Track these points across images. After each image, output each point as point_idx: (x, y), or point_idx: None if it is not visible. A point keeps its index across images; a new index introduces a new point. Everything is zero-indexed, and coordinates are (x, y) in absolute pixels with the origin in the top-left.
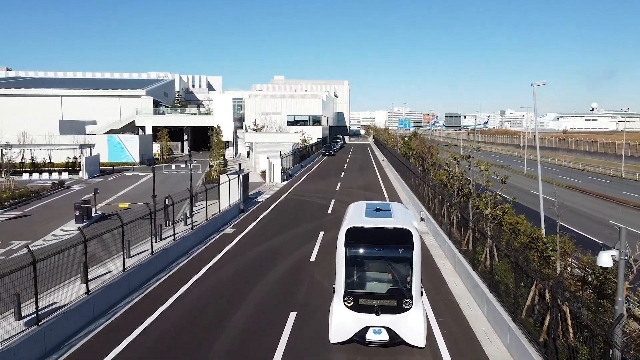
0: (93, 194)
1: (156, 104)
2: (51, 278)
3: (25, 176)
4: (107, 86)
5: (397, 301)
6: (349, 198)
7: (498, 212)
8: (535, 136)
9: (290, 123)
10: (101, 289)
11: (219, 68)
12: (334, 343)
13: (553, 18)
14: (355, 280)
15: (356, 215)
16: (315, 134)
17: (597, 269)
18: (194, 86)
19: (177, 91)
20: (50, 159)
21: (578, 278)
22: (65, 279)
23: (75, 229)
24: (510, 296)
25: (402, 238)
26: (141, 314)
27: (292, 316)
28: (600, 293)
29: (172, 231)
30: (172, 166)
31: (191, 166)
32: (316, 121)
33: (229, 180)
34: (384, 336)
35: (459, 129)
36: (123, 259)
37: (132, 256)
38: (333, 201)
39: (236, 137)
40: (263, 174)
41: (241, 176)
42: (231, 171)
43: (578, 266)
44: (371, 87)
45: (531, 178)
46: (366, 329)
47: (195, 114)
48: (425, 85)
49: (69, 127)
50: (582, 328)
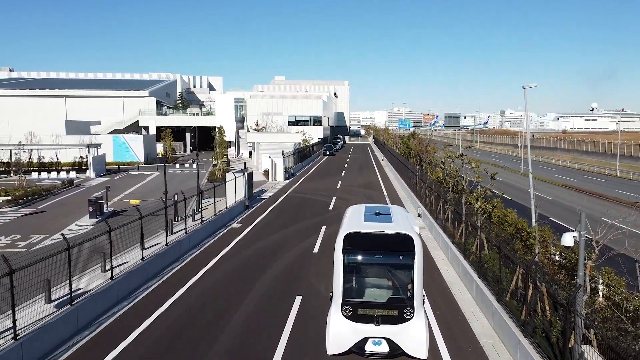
0: (105, 191)
1: (158, 105)
2: (74, 267)
3: (34, 175)
4: (110, 87)
5: (398, 311)
6: (350, 196)
7: (488, 206)
8: (526, 135)
9: (291, 123)
10: (124, 275)
11: (220, 68)
12: (331, 355)
13: (553, 18)
14: (353, 288)
15: (354, 219)
16: (316, 134)
17: (570, 254)
18: (195, 86)
19: (180, 92)
20: (57, 159)
21: (556, 263)
22: (85, 269)
23: (89, 224)
24: (496, 281)
25: (403, 244)
26: (161, 297)
27: (299, 299)
28: (572, 274)
29: (183, 225)
30: (177, 165)
31: (198, 165)
32: (317, 121)
33: (235, 178)
34: (384, 347)
35: (459, 129)
36: (142, 249)
37: (146, 248)
38: (334, 199)
39: (238, 137)
40: (266, 173)
41: (246, 174)
42: (236, 170)
43: (558, 253)
44: (371, 87)
45: (527, 177)
46: (365, 340)
47: (197, 114)
48: (425, 85)
49: (75, 127)
50: (558, 306)
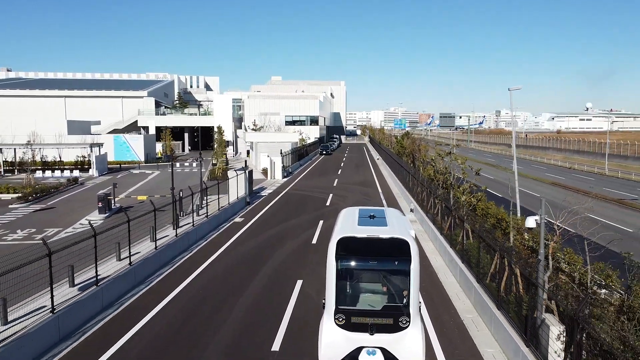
0: (112, 188)
1: (157, 105)
2: (91, 257)
3: (38, 174)
4: (108, 87)
5: (393, 319)
6: (346, 192)
7: (473, 200)
8: (513, 135)
9: (288, 123)
10: (140, 262)
11: (216, 68)
12: None
13: (550, 18)
14: (347, 295)
15: (348, 223)
16: (312, 134)
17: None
18: (192, 86)
19: (178, 92)
20: (60, 158)
21: (529, 248)
22: (101, 259)
23: (99, 219)
24: (477, 265)
25: (399, 249)
26: (174, 281)
27: (299, 282)
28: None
29: (191, 219)
30: (177, 164)
31: (201, 163)
32: (313, 121)
33: (237, 175)
34: (379, 358)
35: (454, 129)
36: (155, 239)
37: (157, 239)
38: (331, 195)
39: (236, 137)
40: (264, 171)
41: (247, 172)
42: (237, 168)
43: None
44: (367, 88)
45: (520, 175)
46: (359, 350)
47: (195, 114)
48: (421, 85)
49: (77, 127)
50: (530, 285)
